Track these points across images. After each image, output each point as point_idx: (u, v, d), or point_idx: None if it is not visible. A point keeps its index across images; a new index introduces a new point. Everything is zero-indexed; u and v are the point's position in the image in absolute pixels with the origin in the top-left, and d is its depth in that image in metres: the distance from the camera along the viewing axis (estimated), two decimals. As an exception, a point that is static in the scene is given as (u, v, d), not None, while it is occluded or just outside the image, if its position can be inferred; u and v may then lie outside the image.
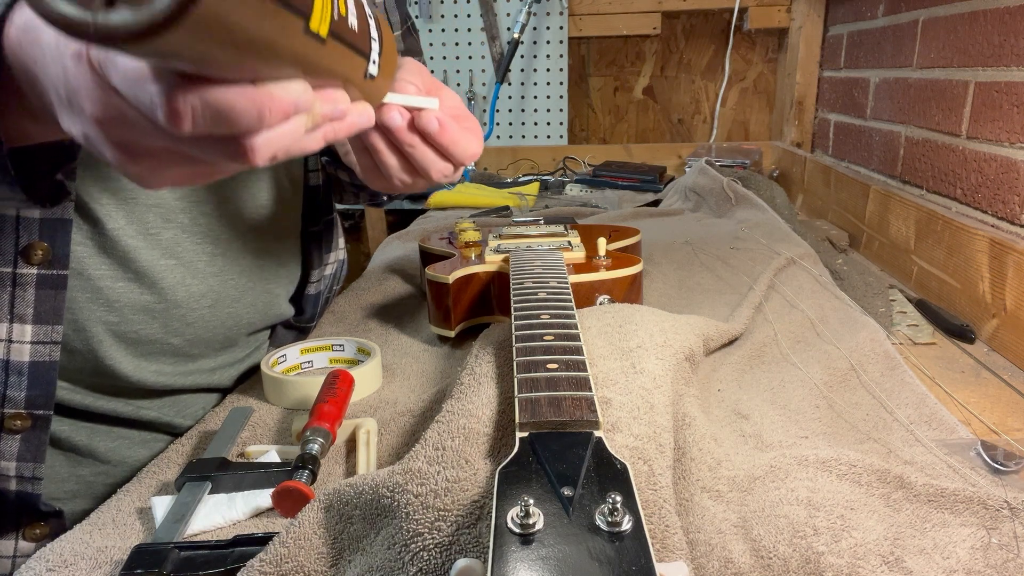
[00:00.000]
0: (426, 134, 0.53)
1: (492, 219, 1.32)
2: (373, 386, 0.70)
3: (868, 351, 0.71)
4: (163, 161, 0.37)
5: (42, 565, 0.46)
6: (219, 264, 0.68)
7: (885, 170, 1.28)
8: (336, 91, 0.39)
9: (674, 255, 1.10)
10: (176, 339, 0.66)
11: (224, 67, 0.32)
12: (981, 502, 0.47)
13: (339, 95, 0.39)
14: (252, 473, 0.52)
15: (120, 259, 0.61)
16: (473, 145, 0.56)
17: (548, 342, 0.51)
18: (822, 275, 0.95)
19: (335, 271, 0.90)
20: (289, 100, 0.34)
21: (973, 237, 0.86)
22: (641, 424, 0.46)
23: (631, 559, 0.27)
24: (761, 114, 2.01)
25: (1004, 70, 0.91)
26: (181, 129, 0.32)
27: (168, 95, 0.31)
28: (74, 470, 0.65)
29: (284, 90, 0.34)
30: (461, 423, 0.45)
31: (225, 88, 0.31)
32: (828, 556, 0.41)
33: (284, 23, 0.31)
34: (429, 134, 0.53)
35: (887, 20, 1.30)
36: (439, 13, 1.92)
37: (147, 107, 0.32)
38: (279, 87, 0.33)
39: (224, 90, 0.31)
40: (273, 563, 0.41)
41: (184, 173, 0.39)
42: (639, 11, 1.90)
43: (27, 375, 0.56)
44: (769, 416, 0.61)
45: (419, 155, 0.54)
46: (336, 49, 0.36)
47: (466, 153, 0.55)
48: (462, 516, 0.38)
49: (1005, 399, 0.67)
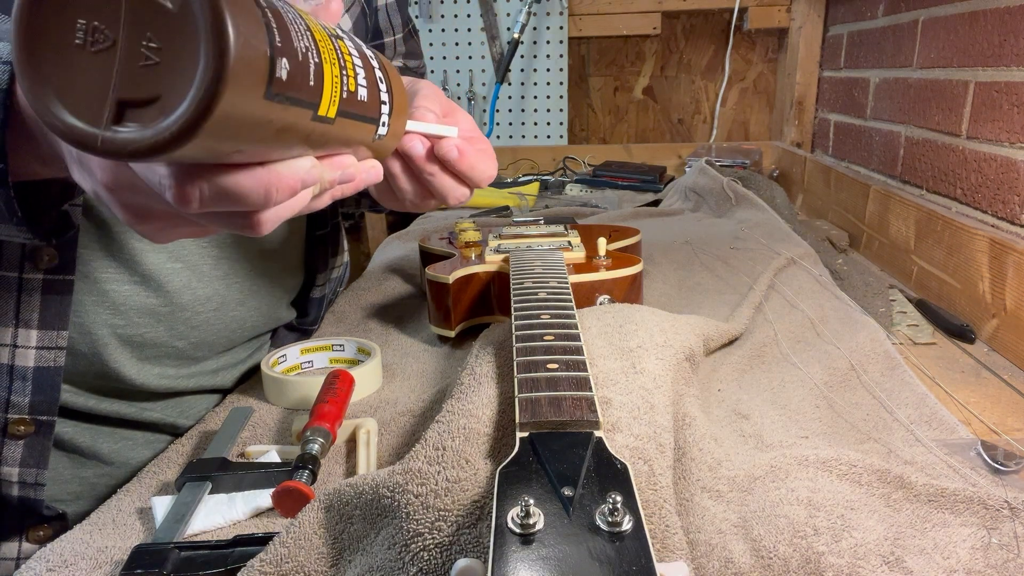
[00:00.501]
0: (446, 162, 0.52)
1: (492, 219, 1.32)
2: (373, 386, 0.70)
3: (868, 351, 0.71)
4: (172, 223, 0.38)
5: (42, 565, 0.46)
6: (224, 268, 0.68)
7: (885, 170, 1.28)
8: (345, 157, 0.39)
9: (674, 255, 1.10)
10: (180, 342, 0.66)
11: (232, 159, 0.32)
12: (981, 502, 0.47)
13: (347, 160, 0.39)
14: (252, 473, 0.52)
15: (126, 262, 0.61)
16: (490, 168, 0.55)
17: (548, 342, 0.51)
18: (822, 275, 0.95)
19: (340, 275, 0.90)
20: (296, 178, 0.34)
21: (973, 237, 0.86)
22: (641, 424, 0.46)
23: (631, 559, 0.27)
24: (761, 114, 2.01)
25: (1004, 70, 0.91)
26: (189, 209, 0.32)
27: (177, 179, 0.31)
28: (77, 472, 0.65)
29: (291, 168, 0.34)
30: (461, 423, 0.45)
31: (233, 173, 0.32)
32: (828, 556, 0.41)
33: (293, 117, 0.32)
34: (449, 162, 0.52)
35: (887, 20, 1.30)
36: (439, 13, 1.92)
37: (156, 186, 0.33)
38: (286, 166, 0.34)
39: (232, 175, 0.32)
40: (273, 563, 0.41)
41: (193, 231, 0.40)
42: (639, 11, 1.90)
43: (31, 381, 0.55)
44: (769, 416, 0.61)
45: (438, 183, 0.53)
46: (345, 124, 0.37)
47: (483, 177, 0.55)
48: (462, 516, 0.38)
49: (1005, 399, 0.67)
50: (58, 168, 0.40)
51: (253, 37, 0.28)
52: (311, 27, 0.33)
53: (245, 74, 0.27)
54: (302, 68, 0.31)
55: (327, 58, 0.34)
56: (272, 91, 0.29)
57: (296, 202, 0.36)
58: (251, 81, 0.28)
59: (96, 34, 0.27)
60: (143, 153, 0.28)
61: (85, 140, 0.28)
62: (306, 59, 0.31)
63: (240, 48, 0.27)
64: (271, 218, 0.36)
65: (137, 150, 0.28)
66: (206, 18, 0.26)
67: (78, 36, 0.28)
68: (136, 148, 0.28)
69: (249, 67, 0.27)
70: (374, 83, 0.40)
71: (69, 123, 0.28)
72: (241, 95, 0.27)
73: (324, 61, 0.33)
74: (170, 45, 0.27)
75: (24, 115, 0.39)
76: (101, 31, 0.27)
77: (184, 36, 0.27)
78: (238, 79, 0.27)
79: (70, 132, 0.28)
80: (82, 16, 0.27)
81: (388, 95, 0.42)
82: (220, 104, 0.27)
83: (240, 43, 0.27)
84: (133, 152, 0.28)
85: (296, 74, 0.30)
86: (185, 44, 0.27)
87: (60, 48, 0.28)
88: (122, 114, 0.28)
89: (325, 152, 0.38)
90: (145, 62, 0.27)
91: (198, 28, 0.26)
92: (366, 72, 0.38)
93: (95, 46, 0.27)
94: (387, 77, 0.42)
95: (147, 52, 0.27)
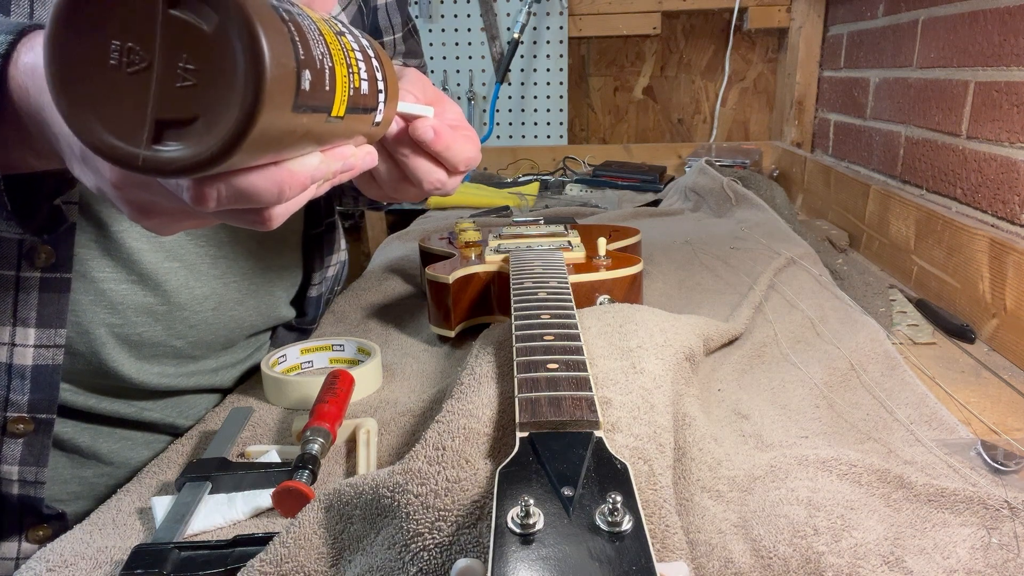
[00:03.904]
0: (421, 143, 0.51)
1: (492, 219, 1.32)
2: (373, 386, 0.70)
3: (868, 351, 0.71)
4: (177, 217, 0.38)
5: (42, 565, 0.46)
6: (222, 267, 0.68)
7: (885, 170, 1.28)
8: (345, 148, 0.40)
9: (674, 255, 1.09)
10: (179, 341, 0.66)
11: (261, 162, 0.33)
12: (981, 502, 0.47)
13: (348, 151, 0.40)
14: (252, 473, 0.52)
15: (124, 261, 0.61)
16: (468, 151, 0.54)
17: (548, 342, 0.51)
18: (822, 275, 0.95)
19: (336, 273, 0.90)
20: (307, 174, 0.35)
21: (973, 237, 0.86)
22: (641, 424, 0.46)
23: (631, 559, 0.27)
24: (761, 114, 2.01)
25: (1004, 70, 0.91)
26: (206, 209, 0.33)
27: (195, 180, 0.32)
28: (77, 471, 0.65)
29: (303, 166, 0.35)
30: (461, 423, 0.45)
31: (249, 173, 0.33)
32: (828, 556, 0.41)
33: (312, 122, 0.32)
34: (424, 143, 0.51)
35: (887, 20, 1.30)
36: (439, 13, 1.92)
37: (172, 187, 0.33)
38: (298, 163, 0.35)
39: (248, 176, 0.33)
40: (273, 563, 0.41)
41: (197, 223, 0.40)
42: (639, 11, 1.90)
43: (30, 379, 0.55)
44: (769, 416, 0.61)
45: (412, 164, 0.53)
46: (350, 120, 0.37)
47: (460, 158, 0.53)
48: (462, 516, 0.38)
49: (1005, 399, 0.67)
50: (54, 162, 0.40)
51: (283, 55, 0.28)
52: (322, 30, 0.34)
53: (279, 92, 0.28)
54: (320, 76, 0.32)
55: (338, 60, 0.34)
56: (298, 103, 0.30)
57: (305, 195, 0.37)
58: (283, 98, 0.28)
59: (131, 55, 0.28)
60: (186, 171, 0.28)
61: (127, 159, 0.29)
62: (323, 66, 0.32)
63: (274, 68, 0.27)
64: (281, 213, 0.37)
65: (180, 168, 0.28)
66: (243, 40, 0.27)
67: (113, 57, 0.28)
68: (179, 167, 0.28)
69: (281, 84, 0.28)
70: (372, 74, 0.40)
71: (110, 143, 0.29)
72: (275, 111, 0.28)
73: (336, 64, 0.34)
74: (207, 67, 0.27)
75: (18, 106, 0.39)
76: (136, 52, 0.28)
77: (221, 58, 0.27)
78: (273, 97, 0.28)
79: (111, 152, 0.29)
80: (116, 37, 0.28)
81: (384, 83, 0.42)
82: (259, 123, 0.27)
83: (274, 63, 0.27)
84: (176, 170, 0.28)
85: (316, 82, 0.31)
86: (222, 66, 0.27)
87: (96, 69, 0.28)
88: (161, 133, 0.28)
89: (332, 146, 0.38)
90: (182, 83, 0.28)
91: (235, 50, 0.27)
92: (366, 65, 0.39)
93: (131, 67, 0.28)
94: (382, 65, 0.43)
95: (184, 73, 0.27)
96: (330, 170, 0.38)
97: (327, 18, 0.37)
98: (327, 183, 0.40)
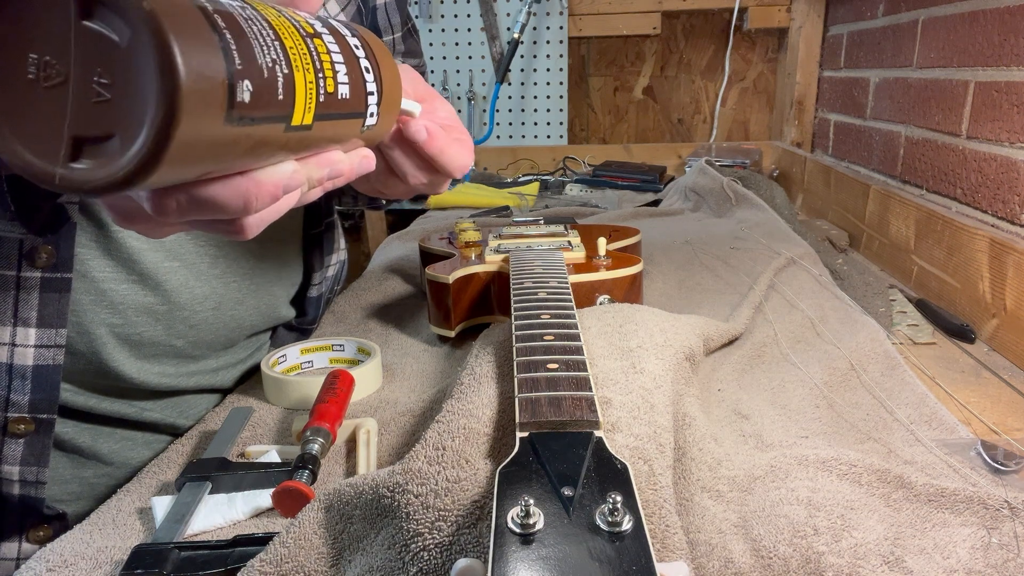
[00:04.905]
0: (414, 144, 0.51)
1: (492, 219, 1.32)
2: (373, 386, 0.70)
3: (868, 351, 0.71)
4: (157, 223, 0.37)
5: (42, 565, 0.46)
6: (222, 266, 0.68)
7: (885, 170, 1.28)
8: (332, 154, 0.38)
9: (674, 255, 1.10)
10: (179, 341, 0.66)
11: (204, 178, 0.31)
12: (981, 502, 0.47)
13: (334, 156, 0.39)
14: (252, 473, 0.52)
15: (124, 261, 0.61)
16: (462, 156, 0.53)
17: (548, 342, 0.51)
18: (822, 275, 0.95)
19: (336, 272, 0.90)
20: (276, 184, 0.34)
21: (973, 237, 0.86)
22: (641, 424, 0.46)
23: (631, 559, 0.27)
24: (761, 114, 2.01)
25: (1004, 70, 0.91)
26: (168, 218, 0.32)
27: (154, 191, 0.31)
28: (77, 472, 0.65)
29: (271, 175, 0.33)
30: (461, 423, 0.45)
31: (209, 184, 0.31)
32: (828, 556, 0.41)
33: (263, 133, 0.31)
34: (417, 143, 0.51)
35: (887, 20, 1.30)
36: (439, 13, 1.92)
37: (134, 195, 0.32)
38: (265, 173, 0.33)
39: (207, 187, 0.31)
40: (273, 563, 0.41)
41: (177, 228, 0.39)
42: (639, 11, 1.90)
43: (31, 379, 0.55)
44: (769, 416, 0.61)
45: (399, 161, 0.52)
46: (325, 126, 0.36)
47: (454, 164, 0.53)
48: (462, 516, 0.38)
49: (1005, 399, 0.67)
50: None
51: (207, 67, 0.27)
52: (281, 34, 0.32)
53: (200, 106, 0.26)
54: (268, 85, 0.30)
55: (299, 65, 0.32)
56: (234, 115, 0.28)
57: (281, 204, 0.36)
58: (208, 111, 0.27)
59: (48, 69, 0.27)
60: (102, 190, 0.27)
61: (44, 177, 0.27)
62: (273, 74, 0.30)
63: (192, 81, 0.26)
64: (255, 223, 0.36)
65: (95, 188, 0.27)
66: (154, 54, 0.25)
67: (30, 71, 0.27)
68: (93, 186, 0.27)
69: (204, 98, 0.26)
70: (358, 77, 0.39)
71: (27, 159, 0.27)
72: (198, 126, 0.26)
73: (296, 70, 0.32)
74: (120, 81, 0.26)
75: None
76: (53, 66, 0.26)
77: (134, 72, 0.26)
78: (192, 113, 0.26)
79: (29, 169, 0.27)
80: (33, 50, 0.27)
81: (376, 84, 0.41)
82: (175, 140, 0.26)
83: (192, 77, 0.26)
84: (92, 189, 0.27)
85: (262, 92, 0.29)
86: (135, 81, 0.26)
87: (13, 83, 0.27)
88: (79, 150, 0.27)
89: (309, 153, 0.37)
90: (97, 99, 0.26)
91: (146, 64, 0.25)
92: (348, 67, 0.37)
93: (48, 81, 0.27)
94: (375, 65, 0.41)
95: (99, 88, 0.26)
96: (312, 177, 0.37)
97: (308, 19, 0.36)
98: (317, 189, 0.39)
